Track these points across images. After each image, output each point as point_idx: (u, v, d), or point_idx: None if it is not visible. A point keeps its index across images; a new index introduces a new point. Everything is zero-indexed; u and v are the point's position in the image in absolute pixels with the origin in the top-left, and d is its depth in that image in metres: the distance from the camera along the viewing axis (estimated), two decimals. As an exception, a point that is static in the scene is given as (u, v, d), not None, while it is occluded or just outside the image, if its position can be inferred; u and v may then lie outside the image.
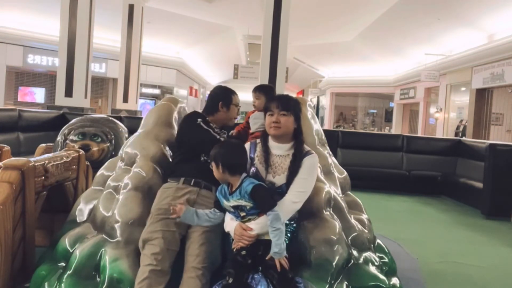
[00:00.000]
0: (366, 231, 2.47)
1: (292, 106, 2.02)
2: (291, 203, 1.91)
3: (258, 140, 2.10)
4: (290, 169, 1.96)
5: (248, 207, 1.86)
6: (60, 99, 8.00)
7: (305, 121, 2.61)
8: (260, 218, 1.87)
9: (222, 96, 2.38)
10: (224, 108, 2.35)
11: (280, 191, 1.94)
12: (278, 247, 1.77)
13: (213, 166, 1.92)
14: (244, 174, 1.92)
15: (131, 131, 3.32)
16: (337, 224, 2.16)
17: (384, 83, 18.50)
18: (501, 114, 11.35)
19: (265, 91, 2.50)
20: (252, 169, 2.00)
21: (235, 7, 12.29)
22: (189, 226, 2.03)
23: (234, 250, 1.88)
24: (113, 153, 3.66)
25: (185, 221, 1.95)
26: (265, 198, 1.83)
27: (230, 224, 1.93)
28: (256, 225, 1.86)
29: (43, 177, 2.43)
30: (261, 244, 1.86)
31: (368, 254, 2.30)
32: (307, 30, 14.08)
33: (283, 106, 1.99)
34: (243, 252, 1.83)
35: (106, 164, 2.77)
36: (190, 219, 1.94)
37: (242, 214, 1.89)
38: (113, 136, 3.77)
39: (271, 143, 2.05)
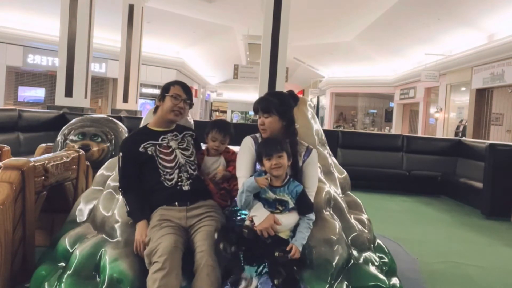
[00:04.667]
0: (366, 231, 2.46)
1: (272, 107, 2.04)
2: (312, 198, 2.04)
3: (258, 135, 2.15)
4: (292, 165, 2.01)
5: (290, 205, 1.93)
6: (60, 99, 8.01)
7: (305, 121, 2.61)
8: (289, 216, 1.93)
9: (161, 91, 2.21)
10: (160, 102, 2.20)
11: None
12: (305, 240, 1.91)
13: (284, 157, 1.92)
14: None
15: (131, 131, 3.31)
16: (337, 224, 2.16)
17: (384, 83, 18.49)
18: (501, 114, 11.34)
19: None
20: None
21: (235, 7, 12.28)
22: (191, 231, 2.01)
23: (244, 227, 1.92)
24: (113, 153, 3.66)
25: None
26: (309, 202, 1.98)
27: (262, 211, 1.92)
28: (285, 221, 1.91)
29: (43, 177, 2.43)
30: (273, 238, 1.88)
31: (368, 254, 2.30)
32: (307, 30, 14.08)
33: (263, 110, 2.06)
34: (246, 231, 1.86)
35: (106, 164, 2.78)
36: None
37: (281, 208, 1.93)
38: (113, 136, 3.77)
39: None
